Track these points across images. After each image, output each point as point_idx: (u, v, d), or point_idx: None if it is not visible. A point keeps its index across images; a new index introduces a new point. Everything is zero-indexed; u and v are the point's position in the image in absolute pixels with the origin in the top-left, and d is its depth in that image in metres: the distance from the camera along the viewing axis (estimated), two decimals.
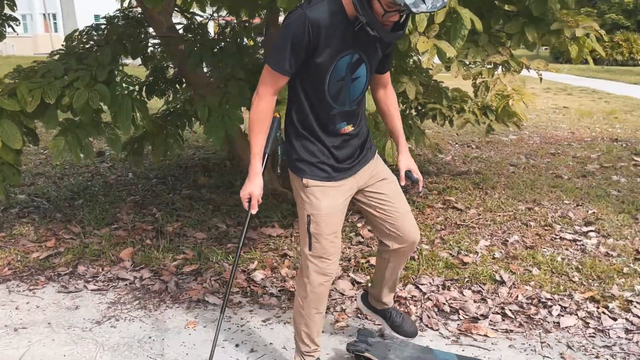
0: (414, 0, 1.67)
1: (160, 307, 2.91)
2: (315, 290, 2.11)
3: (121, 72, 3.36)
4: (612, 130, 8.09)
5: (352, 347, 2.27)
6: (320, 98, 1.97)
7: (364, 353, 2.23)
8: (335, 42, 1.87)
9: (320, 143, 2.03)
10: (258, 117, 1.96)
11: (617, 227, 3.97)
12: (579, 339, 2.62)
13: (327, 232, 2.04)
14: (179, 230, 3.86)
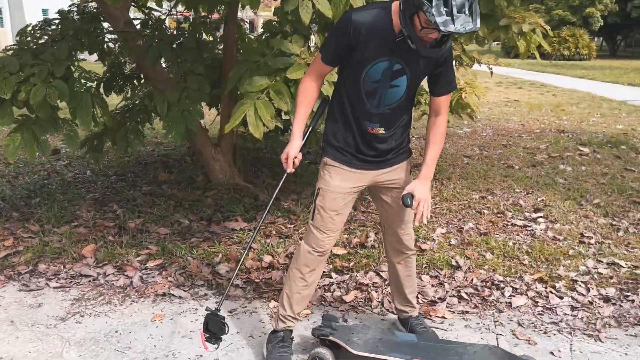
0: (444, 20, 1.81)
1: (126, 301, 2.92)
2: (304, 255, 2.32)
3: (79, 67, 3.33)
4: (559, 122, 8.46)
5: (317, 331, 2.36)
6: (356, 93, 2.17)
7: (329, 337, 2.32)
8: (374, 46, 2.06)
9: (349, 132, 2.23)
10: (299, 92, 2.25)
11: (564, 212, 4.20)
12: (529, 317, 2.79)
13: (328, 208, 2.25)
14: (141, 226, 3.85)
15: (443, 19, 1.81)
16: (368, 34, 2.04)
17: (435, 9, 1.81)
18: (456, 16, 1.82)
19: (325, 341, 2.35)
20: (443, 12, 1.81)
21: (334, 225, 2.28)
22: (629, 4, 32.85)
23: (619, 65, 24.07)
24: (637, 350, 2.49)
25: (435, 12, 1.81)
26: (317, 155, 5.87)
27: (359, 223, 3.94)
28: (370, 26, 2.03)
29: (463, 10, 1.82)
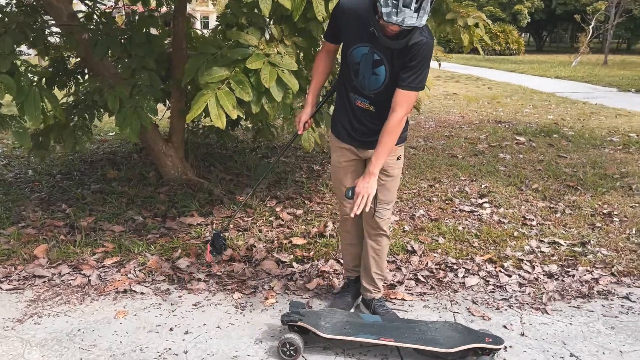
0: (388, 11, 1.97)
1: (85, 300, 2.86)
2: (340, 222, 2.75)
3: (25, 62, 3.21)
4: (496, 114, 8.87)
5: (286, 317, 2.41)
6: (346, 69, 2.37)
7: (297, 322, 2.38)
8: (355, 30, 2.23)
9: (344, 108, 2.45)
10: (313, 66, 2.56)
11: (506, 198, 4.44)
12: (482, 295, 2.96)
13: (334, 179, 2.64)
14: (93, 224, 3.76)
15: (388, 10, 1.97)
16: (350, 18, 2.22)
17: (384, 0, 1.96)
18: (400, 9, 1.95)
19: (294, 327, 2.41)
20: (389, 4, 1.96)
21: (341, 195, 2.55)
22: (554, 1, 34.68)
23: (546, 60, 25.39)
24: (580, 320, 2.70)
25: (383, 3, 1.97)
26: (268, 150, 5.90)
27: (315, 214, 4.01)
28: (354, 11, 2.20)
29: (409, 5, 1.95)
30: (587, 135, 6.94)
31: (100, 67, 3.99)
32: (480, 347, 2.26)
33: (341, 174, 2.56)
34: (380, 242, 2.63)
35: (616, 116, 8.69)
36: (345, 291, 2.81)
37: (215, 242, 2.74)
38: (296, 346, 2.32)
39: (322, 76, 2.54)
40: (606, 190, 4.62)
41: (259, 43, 2.92)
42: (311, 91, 2.56)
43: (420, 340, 2.31)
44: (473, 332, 2.36)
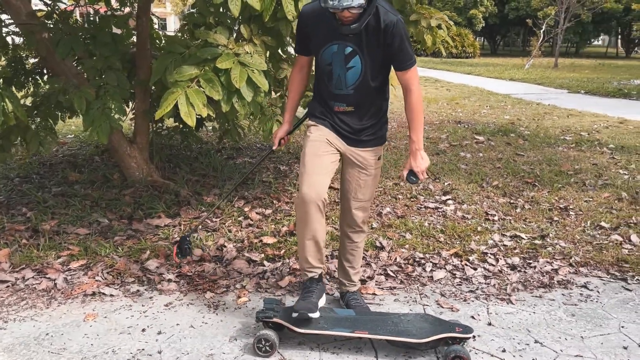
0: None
1: (52, 304, 2.80)
2: (297, 216, 2.42)
3: None
4: (455, 114, 9.10)
5: (261, 314, 2.42)
6: (320, 76, 2.42)
7: (272, 319, 2.40)
8: (323, 33, 2.30)
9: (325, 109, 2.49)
10: (290, 81, 2.62)
11: (469, 194, 4.58)
12: (450, 287, 3.05)
13: (307, 153, 2.41)
14: (56, 227, 3.67)
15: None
16: (315, 23, 2.30)
17: None
18: None
19: (268, 324, 2.43)
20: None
21: (311, 168, 2.36)
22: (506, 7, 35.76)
23: (500, 63, 26.15)
24: (543, 309, 2.82)
25: None
26: (234, 151, 5.88)
27: (284, 213, 4.03)
28: (316, 15, 2.30)
29: None
30: (542, 135, 7.21)
31: (61, 67, 3.90)
32: (451, 337, 2.33)
33: (320, 146, 2.42)
34: (358, 238, 2.67)
35: (568, 116, 9.05)
36: (308, 291, 2.52)
37: (182, 244, 2.79)
38: (272, 342, 2.34)
39: (298, 92, 2.61)
40: (562, 186, 4.82)
41: (228, 42, 2.93)
42: (288, 109, 2.62)
43: (393, 332, 2.36)
44: (444, 323, 2.44)
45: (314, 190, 2.33)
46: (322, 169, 2.40)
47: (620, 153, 6.15)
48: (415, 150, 2.40)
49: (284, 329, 2.42)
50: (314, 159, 2.39)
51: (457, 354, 2.26)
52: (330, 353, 2.39)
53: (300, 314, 2.37)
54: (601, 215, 4.07)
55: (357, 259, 2.73)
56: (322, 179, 2.38)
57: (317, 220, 2.38)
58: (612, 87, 13.56)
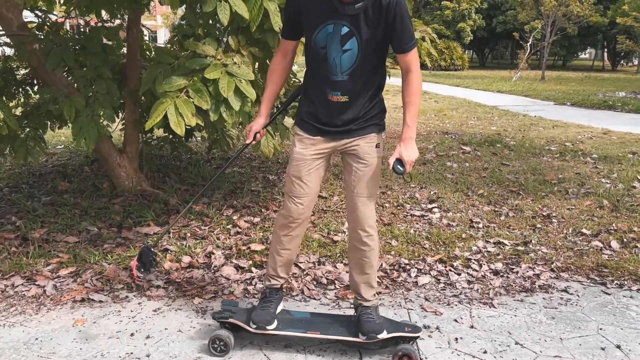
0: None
1: (41, 310, 2.83)
2: (278, 220, 2.48)
3: None
4: (443, 125, 9.22)
5: (217, 315, 2.47)
6: (313, 62, 2.28)
7: (229, 319, 2.45)
8: (316, 12, 2.16)
9: (310, 102, 2.37)
10: (268, 71, 2.44)
11: (454, 203, 4.66)
12: (434, 292, 3.12)
13: (292, 173, 2.40)
14: (46, 235, 3.70)
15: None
16: (308, 3, 2.17)
17: None
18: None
19: (225, 324, 2.48)
20: None
21: (301, 190, 2.38)
22: (494, 20, 36.27)
23: (488, 75, 26.49)
24: (524, 312, 2.89)
25: None
26: (223, 161, 5.94)
27: (272, 221, 4.09)
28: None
29: None
30: (528, 145, 7.34)
31: (52, 78, 3.95)
32: (401, 336, 2.39)
33: (303, 166, 2.37)
34: (364, 245, 2.44)
35: (553, 127, 9.20)
36: (267, 301, 2.53)
37: (144, 257, 2.52)
38: (225, 341, 2.40)
39: (278, 83, 2.43)
40: (545, 194, 4.92)
41: (217, 53, 3.00)
42: (265, 100, 2.44)
43: (344, 332, 2.43)
44: (394, 323, 2.49)
45: (299, 209, 2.42)
46: (306, 190, 2.40)
47: (603, 162, 6.28)
48: (409, 138, 2.25)
49: (241, 330, 2.47)
50: (298, 180, 2.39)
51: (405, 352, 2.32)
52: (316, 355, 2.44)
53: (258, 326, 2.43)
54: (583, 223, 4.17)
55: (365, 272, 2.49)
56: (306, 199, 2.42)
57: (297, 234, 2.49)
58: (597, 99, 13.79)
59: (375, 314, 2.48)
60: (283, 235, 2.49)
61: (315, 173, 2.42)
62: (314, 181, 2.42)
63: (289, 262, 2.57)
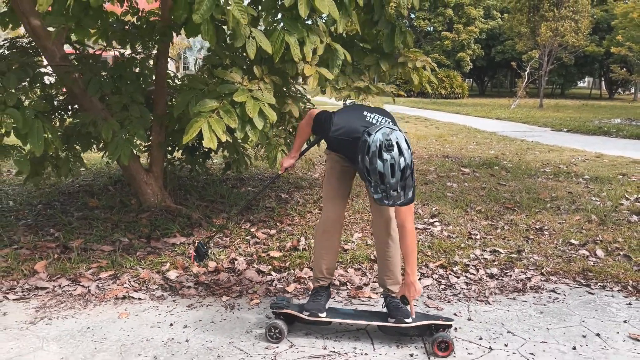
0: (379, 197, 2.40)
1: (88, 306, 3.20)
2: (319, 233, 2.94)
3: (31, 97, 3.60)
4: (443, 149, 9.65)
5: (274, 305, 2.84)
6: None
7: (284, 309, 2.82)
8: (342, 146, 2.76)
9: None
10: (298, 129, 3.02)
11: (454, 217, 5.04)
12: (436, 292, 3.48)
13: (329, 178, 2.92)
14: (83, 245, 4.08)
15: (379, 196, 2.40)
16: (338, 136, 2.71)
17: (374, 187, 2.39)
18: (390, 194, 2.36)
19: (279, 315, 2.84)
20: (379, 191, 2.39)
21: (334, 192, 2.88)
22: (493, 50, 37.12)
23: (487, 103, 27.08)
24: (516, 308, 3.25)
25: (373, 190, 2.41)
26: (237, 181, 6.34)
27: (287, 233, 4.47)
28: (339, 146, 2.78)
29: (396, 188, 2.35)
30: (524, 167, 7.75)
31: (89, 103, 4.39)
32: (435, 324, 2.75)
33: (336, 175, 2.88)
34: (388, 247, 2.89)
35: (549, 151, 9.63)
36: (319, 295, 2.94)
37: (199, 250, 3.23)
38: (280, 329, 2.76)
39: (306, 137, 3.04)
40: (539, 210, 5.30)
41: (243, 80, 3.43)
42: (296, 147, 3.06)
43: (381, 320, 2.81)
44: (427, 315, 2.86)
45: (336, 211, 2.89)
46: (339, 194, 2.90)
47: (594, 183, 6.67)
48: (410, 283, 2.65)
49: (294, 322, 2.83)
50: (333, 187, 2.90)
51: (444, 339, 2.67)
52: (333, 341, 2.80)
53: (311, 313, 2.81)
54: (572, 234, 4.54)
55: (393, 268, 2.92)
56: (340, 202, 2.91)
57: (335, 237, 2.93)
58: (592, 126, 14.26)
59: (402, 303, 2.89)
60: (324, 239, 2.93)
61: (346, 181, 2.96)
62: (344, 188, 2.95)
63: (332, 264, 2.99)
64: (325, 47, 3.54)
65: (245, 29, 3.07)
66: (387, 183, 2.34)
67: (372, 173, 2.36)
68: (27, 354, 2.62)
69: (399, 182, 2.35)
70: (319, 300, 2.91)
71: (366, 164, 2.39)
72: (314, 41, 3.41)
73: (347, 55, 3.62)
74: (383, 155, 2.34)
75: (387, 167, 2.33)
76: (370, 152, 2.37)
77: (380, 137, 2.37)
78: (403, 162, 2.34)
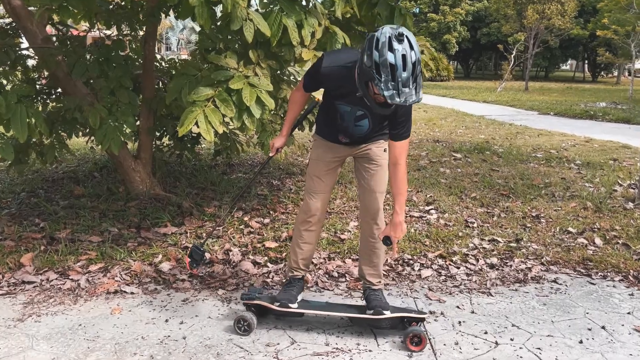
0: (391, 94, 2.17)
1: (78, 301, 3.07)
2: (299, 216, 2.86)
3: (12, 80, 3.41)
4: (433, 134, 9.58)
5: (245, 296, 2.78)
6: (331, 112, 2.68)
7: (254, 300, 2.75)
8: (338, 94, 2.58)
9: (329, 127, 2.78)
10: (289, 101, 2.89)
11: (450, 205, 4.98)
12: (436, 283, 3.41)
13: (313, 173, 2.80)
14: (71, 236, 3.93)
15: (390, 93, 2.17)
16: (333, 84, 2.57)
17: (384, 84, 2.17)
18: (401, 91, 2.16)
19: (250, 307, 2.78)
20: (390, 87, 2.17)
21: (318, 188, 2.78)
22: (479, 32, 37.02)
23: (473, 85, 27.06)
24: (519, 300, 3.20)
25: (384, 87, 2.17)
26: (227, 167, 6.20)
27: (282, 222, 4.36)
28: (335, 80, 2.52)
29: (408, 84, 2.16)
30: (515, 152, 7.71)
31: (73, 88, 4.20)
32: (409, 318, 2.70)
33: (322, 167, 2.77)
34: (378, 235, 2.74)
35: (538, 135, 9.61)
36: (291, 286, 2.88)
37: (194, 254, 3.00)
38: (249, 322, 2.69)
39: (298, 111, 2.88)
40: (534, 197, 5.26)
41: (238, 66, 3.28)
42: (287, 123, 2.90)
43: (355, 312, 2.77)
44: (401, 308, 2.83)
45: (318, 204, 2.80)
46: (323, 187, 2.81)
47: (586, 168, 6.66)
48: (398, 223, 2.55)
49: (267, 314, 2.78)
50: (316, 179, 2.80)
51: (416, 333, 2.60)
52: (335, 337, 2.72)
53: (281, 303, 2.76)
54: (569, 222, 4.50)
55: (375, 260, 2.84)
56: (323, 196, 2.82)
57: (316, 229, 2.86)
58: (579, 109, 14.30)
59: (382, 295, 2.85)
60: (304, 230, 2.86)
61: (331, 174, 2.84)
62: (330, 180, 2.84)
63: (309, 256, 2.92)
64: (324, 30, 3.39)
65: (242, 11, 2.92)
66: (399, 77, 2.15)
67: (382, 66, 2.16)
68: (17, 354, 2.50)
69: (411, 77, 2.17)
70: (291, 291, 2.85)
71: (375, 58, 2.17)
72: (312, 24, 3.27)
73: (347, 39, 3.49)
74: (394, 46, 2.16)
75: (398, 57, 2.15)
76: (380, 43, 2.17)
77: (389, 30, 2.19)
78: (414, 55, 2.18)
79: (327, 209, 2.88)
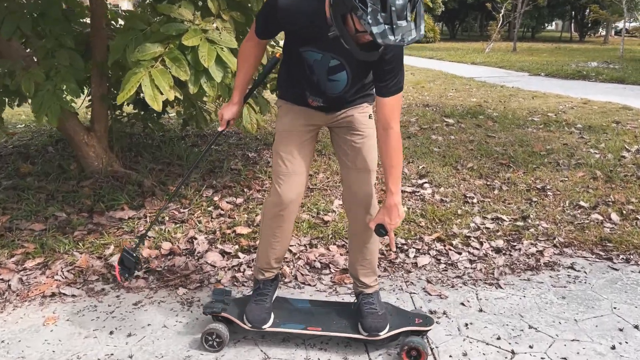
0: (382, 31, 1.56)
1: (6, 308, 2.53)
2: (267, 218, 2.19)
3: None
4: (422, 98, 9.02)
5: (208, 309, 2.24)
6: (298, 63, 2.02)
7: (221, 313, 2.22)
8: (305, 35, 1.90)
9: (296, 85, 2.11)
10: (239, 56, 2.17)
11: (445, 177, 4.47)
12: (435, 273, 2.93)
13: (280, 149, 2.12)
14: (8, 224, 3.37)
15: (381, 29, 1.56)
16: (296, 22, 1.87)
17: (372, 16, 1.54)
18: (396, 25, 1.56)
19: (218, 317, 2.24)
20: (380, 20, 1.55)
21: (290, 167, 2.10)
22: None
23: (460, 47, 26.37)
24: (533, 292, 2.73)
25: (371, 20, 1.55)
26: (198, 138, 5.62)
27: (257, 202, 3.83)
28: (299, 16, 1.84)
29: (404, 15, 1.56)
30: (511, 116, 7.20)
31: (7, 49, 3.56)
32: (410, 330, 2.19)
33: (292, 139, 2.11)
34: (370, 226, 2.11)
35: (533, 98, 9.10)
36: (261, 295, 2.27)
37: (126, 261, 2.38)
38: (221, 336, 2.18)
39: (251, 70, 2.18)
40: (536, 166, 4.77)
41: (195, 18, 2.69)
42: (237, 86, 2.20)
43: (348, 327, 2.21)
44: (403, 314, 2.28)
45: (293, 191, 2.12)
46: (298, 167, 2.12)
47: (589, 133, 6.18)
48: (393, 205, 1.99)
49: (234, 323, 2.23)
50: (288, 156, 2.11)
51: (413, 346, 2.11)
52: (318, 349, 2.23)
53: (253, 325, 2.20)
54: (579, 195, 4.03)
55: (367, 257, 2.26)
56: (299, 178, 2.13)
57: (290, 222, 2.20)
58: (571, 70, 13.78)
59: (378, 303, 2.26)
60: (276, 227, 2.19)
61: (307, 147, 2.17)
62: (305, 156, 2.16)
63: (283, 252, 2.31)
64: None
65: None
66: (392, 4, 1.54)
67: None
68: None
69: (407, 5, 1.56)
70: (263, 304, 2.24)
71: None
72: None
73: None
74: None
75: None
76: None
77: None
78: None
79: (303, 195, 2.24)
